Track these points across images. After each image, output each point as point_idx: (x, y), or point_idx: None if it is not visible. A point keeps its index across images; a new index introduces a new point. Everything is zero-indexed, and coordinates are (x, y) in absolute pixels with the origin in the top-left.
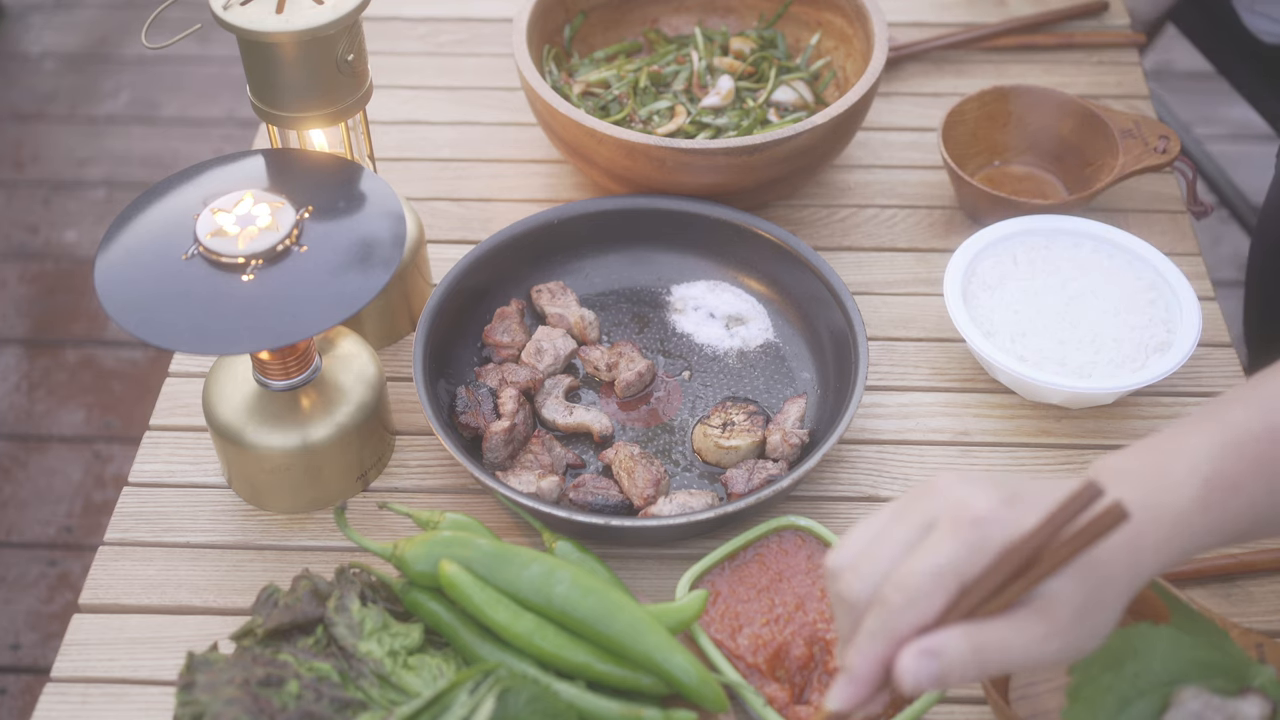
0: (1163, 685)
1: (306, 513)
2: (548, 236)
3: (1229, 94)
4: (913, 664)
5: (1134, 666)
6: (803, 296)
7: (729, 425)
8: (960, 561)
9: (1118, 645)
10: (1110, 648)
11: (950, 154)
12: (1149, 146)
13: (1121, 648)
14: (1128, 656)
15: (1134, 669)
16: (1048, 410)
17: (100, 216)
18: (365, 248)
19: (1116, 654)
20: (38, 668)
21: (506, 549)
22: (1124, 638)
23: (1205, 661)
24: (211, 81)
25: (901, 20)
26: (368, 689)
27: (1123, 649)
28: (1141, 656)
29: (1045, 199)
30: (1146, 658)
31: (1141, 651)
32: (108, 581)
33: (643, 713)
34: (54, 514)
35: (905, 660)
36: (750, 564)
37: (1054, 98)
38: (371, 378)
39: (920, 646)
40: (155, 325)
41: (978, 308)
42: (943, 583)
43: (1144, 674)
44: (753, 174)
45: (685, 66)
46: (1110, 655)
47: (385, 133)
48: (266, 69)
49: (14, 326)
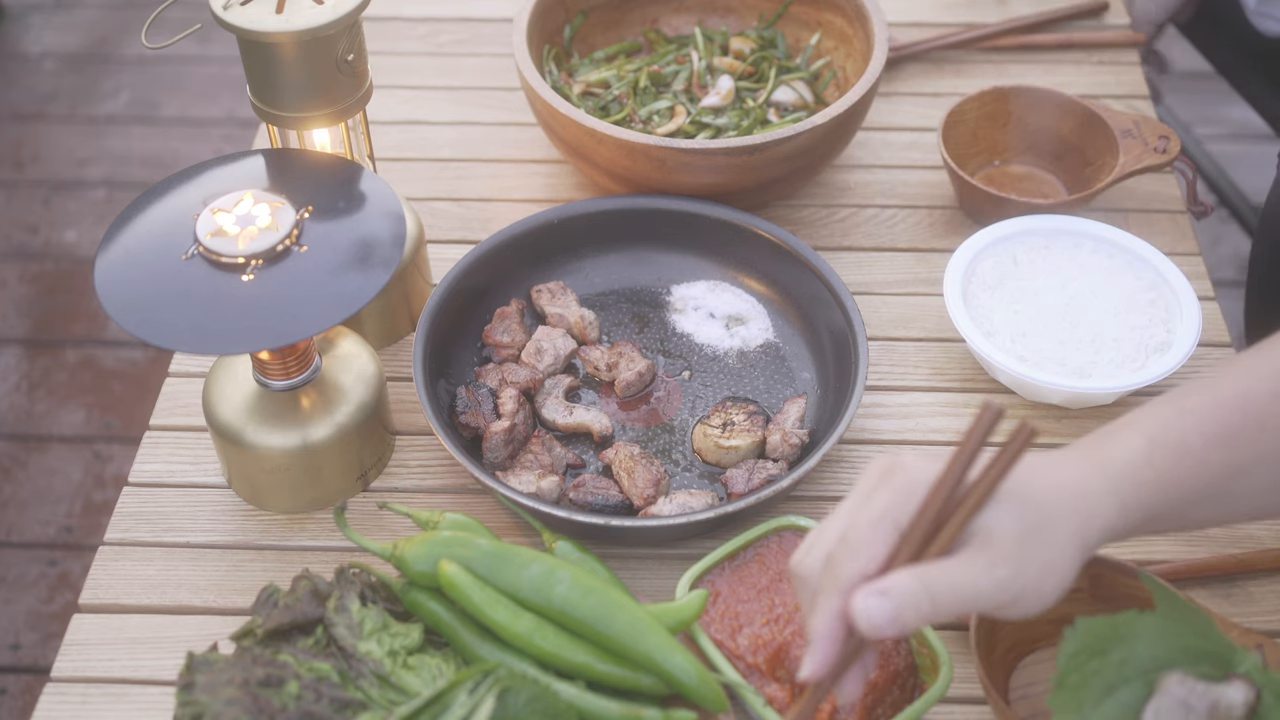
0: (1148, 671)
1: (306, 513)
2: (548, 236)
3: (1229, 94)
4: (864, 604)
5: (1120, 653)
6: (803, 296)
7: (729, 425)
8: (892, 508)
9: (1104, 632)
10: (1097, 635)
11: (950, 154)
12: (1149, 146)
13: (1108, 635)
14: (1114, 643)
15: (1120, 655)
16: (1048, 410)
17: (100, 216)
18: (365, 248)
19: (1103, 641)
20: (38, 668)
21: (506, 549)
22: (1111, 625)
23: (1191, 648)
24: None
25: (901, 20)
26: (367, 689)
27: (1109, 636)
28: (1127, 643)
29: (1045, 199)
30: (1132, 644)
31: (1127, 638)
32: (108, 581)
33: (643, 713)
34: (54, 514)
35: (857, 602)
36: (750, 564)
37: (1054, 98)
38: (371, 378)
39: (869, 588)
40: (155, 325)
41: (978, 308)
42: (880, 530)
43: (1130, 660)
44: (753, 174)
45: (685, 66)
46: (1096, 642)
47: (385, 133)
48: (266, 69)
49: (14, 326)
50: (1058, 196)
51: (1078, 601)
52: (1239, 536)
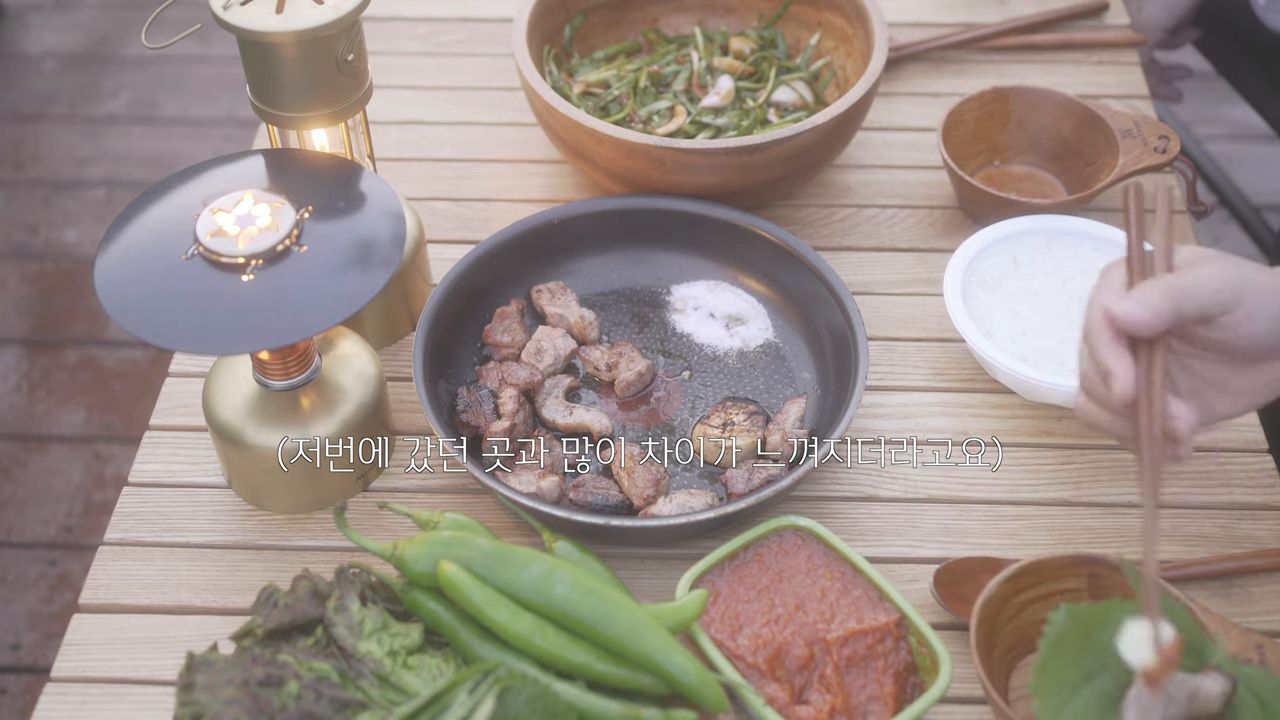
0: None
1: (306, 513)
2: (548, 236)
3: (1229, 94)
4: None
5: (1101, 637)
6: (803, 296)
7: (729, 425)
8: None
9: (1087, 619)
10: (1079, 622)
11: (950, 154)
12: (1149, 146)
13: (1090, 621)
14: (1095, 628)
15: (1101, 640)
16: (1048, 410)
17: (100, 216)
18: (365, 248)
19: (1085, 627)
20: (38, 668)
21: (506, 549)
22: (1093, 613)
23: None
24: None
25: (901, 20)
26: (367, 689)
27: (1091, 622)
28: (1109, 628)
29: (1046, 199)
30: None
31: (1110, 624)
32: (108, 581)
33: (643, 713)
34: (54, 514)
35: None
36: (750, 564)
37: (1054, 98)
38: (371, 378)
39: (1121, 296)
40: (155, 325)
41: (977, 307)
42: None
43: (1110, 646)
44: (753, 174)
45: (685, 66)
46: (1079, 629)
47: (385, 133)
48: (266, 69)
49: (14, 326)
50: (1058, 196)
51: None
52: (1239, 536)
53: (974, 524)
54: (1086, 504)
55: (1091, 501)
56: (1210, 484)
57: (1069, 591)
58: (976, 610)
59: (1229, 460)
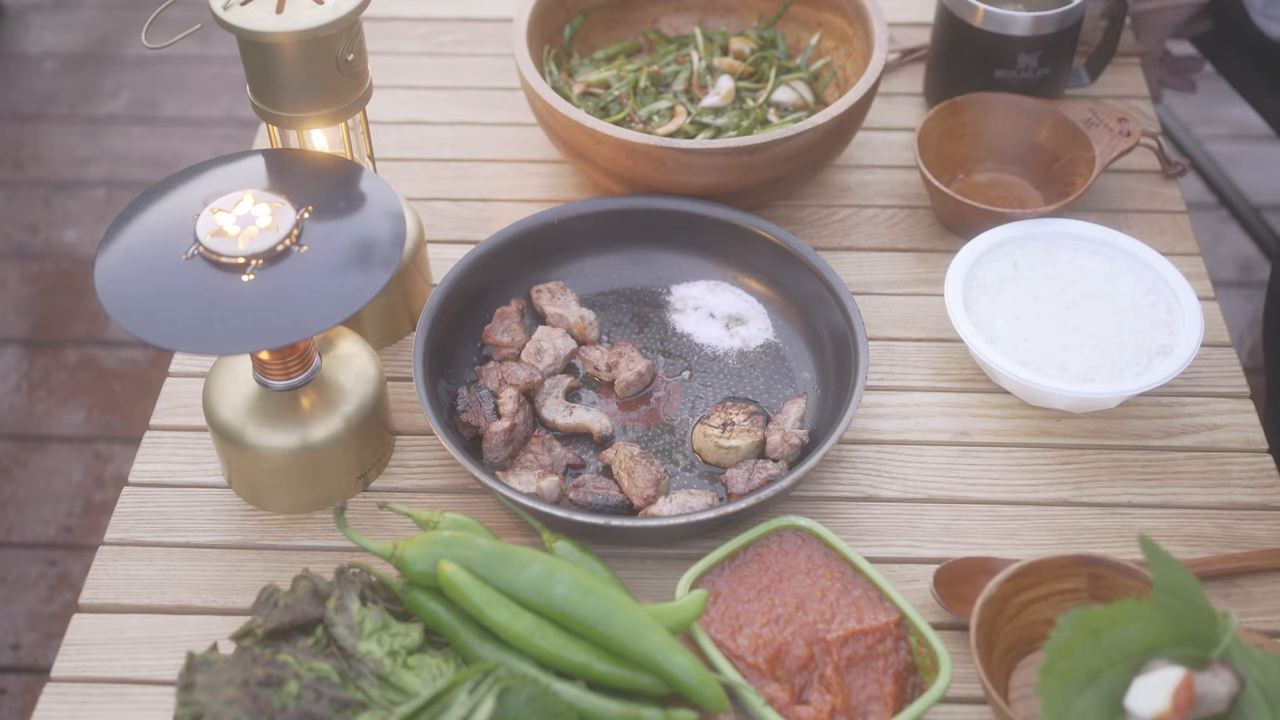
0: (1134, 655)
1: (306, 513)
2: (548, 236)
3: (1229, 94)
4: None
5: (1110, 637)
6: (803, 296)
7: (729, 425)
8: None
9: (1097, 620)
10: (1089, 623)
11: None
12: (1114, 132)
13: (1101, 622)
14: (1105, 629)
15: (1110, 639)
16: (1048, 411)
17: (100, 216)
18: (365, 248)
19: (1095, 628)
20: (38, 668)
21: (506, 549)
22: (1104, 614)
23: (1179, 630)
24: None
25: (901, 20)
26: (367, 689)
27: (1101, 623)
28: (1119, 628)
29: (1020, 202)
30: (1124, 629)
31: (1120, 624)
32: (108, 581)
33: (643, 713)
34: (54, 514)
35: None
36: (750, 564)
37: (1004, 101)
38: (371, 378)
39: None
40: (155, 325)
41: (978, 312)
42: None
43: (1118, 645)
44: (753, 174)
45: (685, 66)
46: (1089, 630)
47: (385, 133)
48: (266, 69)
49: (14, 326)
50: (1030, 198)
51: (1077, 601)
52: (1239, 537)
53: (974, 524)
54: (1086, 504)
55: (1091, 501)
56: (1210, 484)
57: (1069, 591)
58: (976, 610)
59: (1229, 460)
